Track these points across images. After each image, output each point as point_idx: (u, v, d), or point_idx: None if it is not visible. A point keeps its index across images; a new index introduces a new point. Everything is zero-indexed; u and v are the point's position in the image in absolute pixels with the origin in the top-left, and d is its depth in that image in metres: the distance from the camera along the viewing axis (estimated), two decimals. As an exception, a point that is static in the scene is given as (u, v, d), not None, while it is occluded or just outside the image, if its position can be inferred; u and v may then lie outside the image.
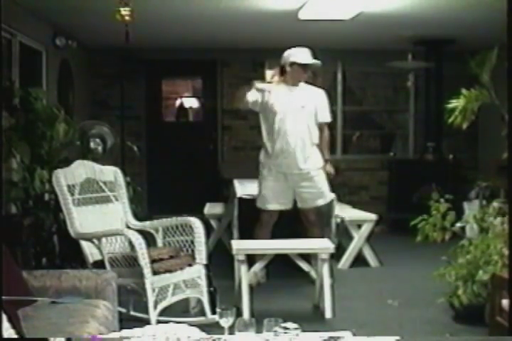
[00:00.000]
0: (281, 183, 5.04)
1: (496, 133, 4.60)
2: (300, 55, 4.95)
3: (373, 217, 5.85)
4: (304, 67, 4.96)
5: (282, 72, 5.02)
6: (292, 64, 4.94)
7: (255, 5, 5.85)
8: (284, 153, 4.98)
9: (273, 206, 5.09)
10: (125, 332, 2.51)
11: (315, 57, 4.99)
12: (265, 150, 5.08)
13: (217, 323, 2.59)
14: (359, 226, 5.82)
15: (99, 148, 5.20)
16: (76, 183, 4.15)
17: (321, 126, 5.10)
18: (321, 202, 5.10)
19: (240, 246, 4.42)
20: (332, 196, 5.13)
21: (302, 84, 5.07)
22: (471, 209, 5.96)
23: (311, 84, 5.15)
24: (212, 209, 6.42)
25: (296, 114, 4.96)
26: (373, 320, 4.31)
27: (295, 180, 5.03)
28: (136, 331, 2.48)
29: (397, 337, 2.52)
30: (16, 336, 2.45)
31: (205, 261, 4.13)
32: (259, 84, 5.03)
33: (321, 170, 5.09)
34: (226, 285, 4.70)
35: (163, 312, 3.88)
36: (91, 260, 4.00)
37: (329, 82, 8.58)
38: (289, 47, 5.01)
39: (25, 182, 4.57)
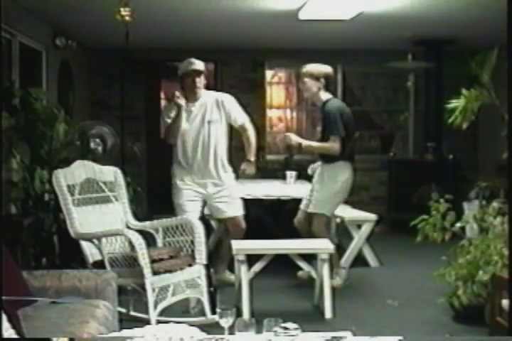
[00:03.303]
0: None
1: (495, 133, 4.60)
2: (185, 65, 4.84)
3: (373, 217, 5.84)
4: (194, 74, 4.81)
5: (182, 88, 4.90)
6: (183, 76, 4.84)
7: (255, 5, 5.84)
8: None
9: None
10: (125, 332, 2.51)
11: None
12: None
13: (217, 323, 2.59)
14: (359, 227, 5.81)
15: (99, 148, 5.20)
16: (76, 183, 4.15)
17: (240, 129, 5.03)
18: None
19: (240, 246, 4.42)
20: None
21: (203, 93, 4.95)
22: (471, 209, 5.96)
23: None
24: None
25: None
26: (373, 320, 4.31)
27: None
28: (137, 331, 2.48)
29: (400, 337, 2.51)
30: (16, 336, 2.45)
31: (205, 261, 4.13)
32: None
33: None
34: (226, 285, 4.71)
35: (163, 312, 3.88)
36: (91, 260, 4.00)
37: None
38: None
39: (25, 182, 4.57)
